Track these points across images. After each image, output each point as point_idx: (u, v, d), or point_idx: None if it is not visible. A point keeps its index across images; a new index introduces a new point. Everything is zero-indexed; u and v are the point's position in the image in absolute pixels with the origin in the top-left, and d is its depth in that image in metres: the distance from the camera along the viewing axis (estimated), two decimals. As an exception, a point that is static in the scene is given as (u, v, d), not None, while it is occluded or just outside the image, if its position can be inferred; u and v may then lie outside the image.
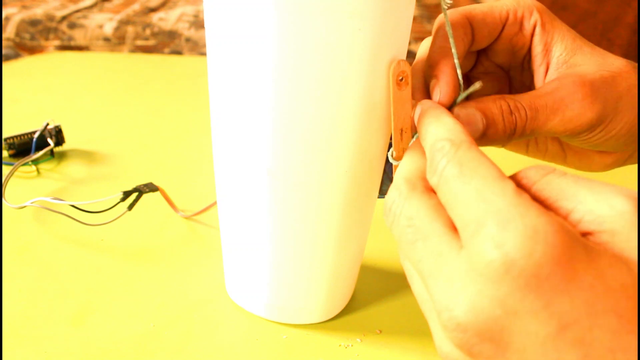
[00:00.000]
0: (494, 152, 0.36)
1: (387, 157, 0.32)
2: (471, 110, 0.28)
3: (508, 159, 0.35)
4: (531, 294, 0.18)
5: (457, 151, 0.22)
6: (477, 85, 0.27)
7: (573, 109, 0.28)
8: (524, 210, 0.19)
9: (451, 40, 0.28)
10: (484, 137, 0.28)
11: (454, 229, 0.21)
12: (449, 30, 0.27)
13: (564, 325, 0.18)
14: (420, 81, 0.30)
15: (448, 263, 0.20)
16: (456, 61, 0.28)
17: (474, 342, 0.19)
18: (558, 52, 0.30)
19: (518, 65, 0.33)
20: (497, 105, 0.28)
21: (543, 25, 0.31)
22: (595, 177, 0.35)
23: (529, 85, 0.33)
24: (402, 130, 0.28)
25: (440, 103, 0.28)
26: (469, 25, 0.30)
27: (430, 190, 0.23)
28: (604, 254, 0.19)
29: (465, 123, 0.28)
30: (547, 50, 0.30)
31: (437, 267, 0.21)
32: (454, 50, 0.28)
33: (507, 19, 0.31)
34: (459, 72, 0.28)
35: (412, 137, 0.28)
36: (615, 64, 0.30)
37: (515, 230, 0.18)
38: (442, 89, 0.28)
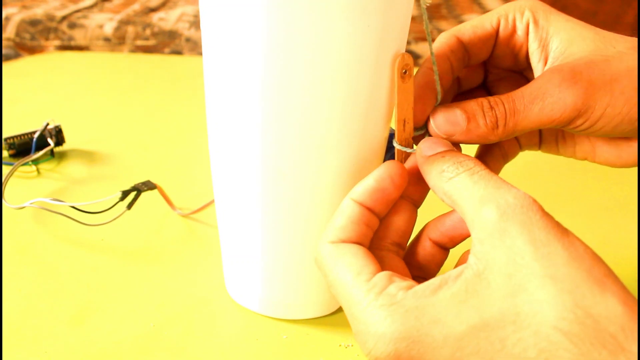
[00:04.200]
0: (526, 154, 0.37)
1: (385, 150, 0.33)
2: (451, 108, 0.29)
3: (539, 160, 0.35)
4: None
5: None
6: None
7: (552, 95, 0.28)
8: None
9: (429, 39, 0.29)
10: (469, 132, 0.29)
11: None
12: (427, 30, 0.29)
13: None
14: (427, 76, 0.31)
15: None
16: (435, 68, 0.30)
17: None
18: (555, 45, 0.30)
19: (527, 66, 0.33)
20: (477, 102, 0.29)
21: (536, 23, 0.31)
22: (603, 170, 0.34)
23: None
24: (404, 121, 0.29)
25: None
26: (460, 45, 0.31)
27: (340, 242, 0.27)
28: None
29: (446, 119, 0.29)
30: (543, 46, 0.30)
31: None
32: (432, 55, 0.30)
33: (498, 25, 0.31)
34: (438, 88, 0.30)
35: (414, 129, 0.30)
36: (617, 47, 0.29)
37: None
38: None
